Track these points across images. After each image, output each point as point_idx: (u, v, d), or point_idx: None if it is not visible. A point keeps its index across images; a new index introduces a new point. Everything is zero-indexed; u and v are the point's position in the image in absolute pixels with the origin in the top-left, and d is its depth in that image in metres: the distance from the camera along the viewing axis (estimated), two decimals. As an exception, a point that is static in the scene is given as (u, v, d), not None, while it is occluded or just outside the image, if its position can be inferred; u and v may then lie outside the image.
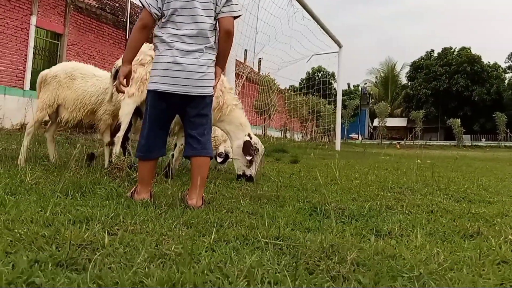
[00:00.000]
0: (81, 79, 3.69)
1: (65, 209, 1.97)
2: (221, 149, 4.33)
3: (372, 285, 1.24)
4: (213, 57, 2.49)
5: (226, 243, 1.65)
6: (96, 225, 1.73)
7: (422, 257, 1.58)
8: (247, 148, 3.63)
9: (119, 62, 3.46)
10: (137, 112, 3.56)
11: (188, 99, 2.42)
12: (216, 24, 2.49)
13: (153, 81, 2.42)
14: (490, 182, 4.66)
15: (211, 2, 2.43)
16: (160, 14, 2.41)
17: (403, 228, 2.10)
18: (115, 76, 3.32)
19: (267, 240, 1.67)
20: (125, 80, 2.49)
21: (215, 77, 2.54)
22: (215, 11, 2.45)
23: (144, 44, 3.47)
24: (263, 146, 3.87)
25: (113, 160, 3.37)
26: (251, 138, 3.67)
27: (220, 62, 2.57)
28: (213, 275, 1.25)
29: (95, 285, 1.12)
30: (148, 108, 2.46)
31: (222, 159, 4.25)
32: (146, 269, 1.26)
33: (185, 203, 2.36)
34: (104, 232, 1.59)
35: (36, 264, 1.22)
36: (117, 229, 1.72)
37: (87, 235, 1.55)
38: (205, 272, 1.27)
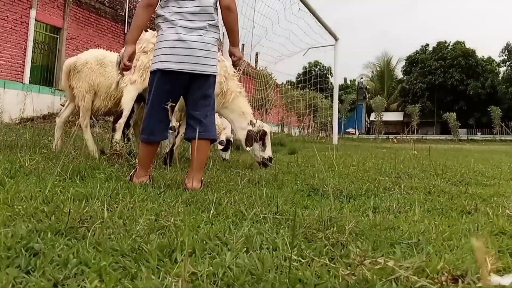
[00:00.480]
0: (111, 67, 3.68)
1: (64, 189, 1.97)
2: (222, 136, 4.35)
3: (371, 251, 1.25)
4: (217, 36, 2.48)
5: (225, 218, 1.66)
6: (95, 202, 1.73)
7: (420, 229, 1.59)
8: (252, 137, 3.64)
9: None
10: (138, 100, 3.56)
11: (193, 78, 2.39)
12: (217, 2, 2.47)
13: (158, 60, 2.37)
14: (487, 169, 4.69)
15: None
16: None
17: (401, 206, 2.11)
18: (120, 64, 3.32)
19: (265, 214, 1.68)
20: (129, 62, 2.44)
21: (236, 55, 2.57)
22: None
23: (148, 32, 3.45)
24: (268, 126, 3.87)
25: (113, 146, 3.36)
26: (253, 125, 3.68)
27: (231, 40, 2.57)
28: (212, 242, 1.25)
29: (94, 250, 1.12)
30: (152, 89, 2.40)
31: (223, 146, 4.28)
32: (146, 238, 1.26)
33: (184, 186, 2.36)
34: (103, 208, 1.59)
35: (35, 231, 1.22)
36: (116, 207, 1.72)
37: (86, 210, 1.55)
38: (204, 240, 1.27)
